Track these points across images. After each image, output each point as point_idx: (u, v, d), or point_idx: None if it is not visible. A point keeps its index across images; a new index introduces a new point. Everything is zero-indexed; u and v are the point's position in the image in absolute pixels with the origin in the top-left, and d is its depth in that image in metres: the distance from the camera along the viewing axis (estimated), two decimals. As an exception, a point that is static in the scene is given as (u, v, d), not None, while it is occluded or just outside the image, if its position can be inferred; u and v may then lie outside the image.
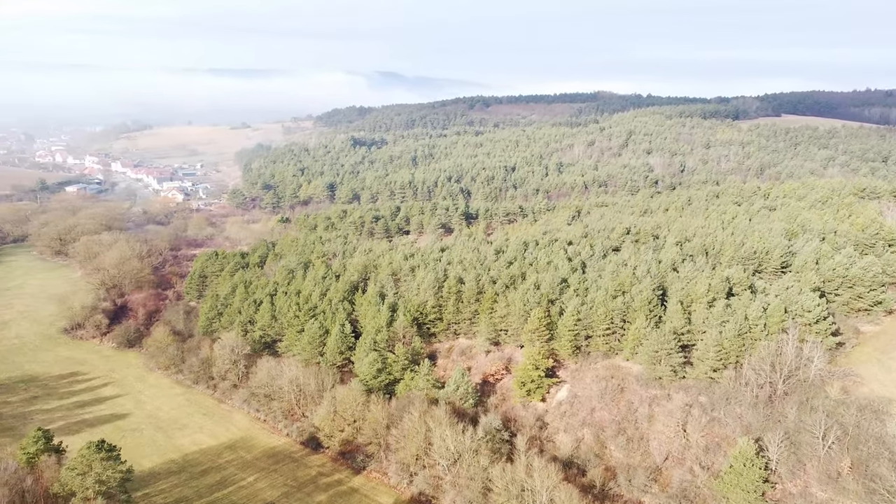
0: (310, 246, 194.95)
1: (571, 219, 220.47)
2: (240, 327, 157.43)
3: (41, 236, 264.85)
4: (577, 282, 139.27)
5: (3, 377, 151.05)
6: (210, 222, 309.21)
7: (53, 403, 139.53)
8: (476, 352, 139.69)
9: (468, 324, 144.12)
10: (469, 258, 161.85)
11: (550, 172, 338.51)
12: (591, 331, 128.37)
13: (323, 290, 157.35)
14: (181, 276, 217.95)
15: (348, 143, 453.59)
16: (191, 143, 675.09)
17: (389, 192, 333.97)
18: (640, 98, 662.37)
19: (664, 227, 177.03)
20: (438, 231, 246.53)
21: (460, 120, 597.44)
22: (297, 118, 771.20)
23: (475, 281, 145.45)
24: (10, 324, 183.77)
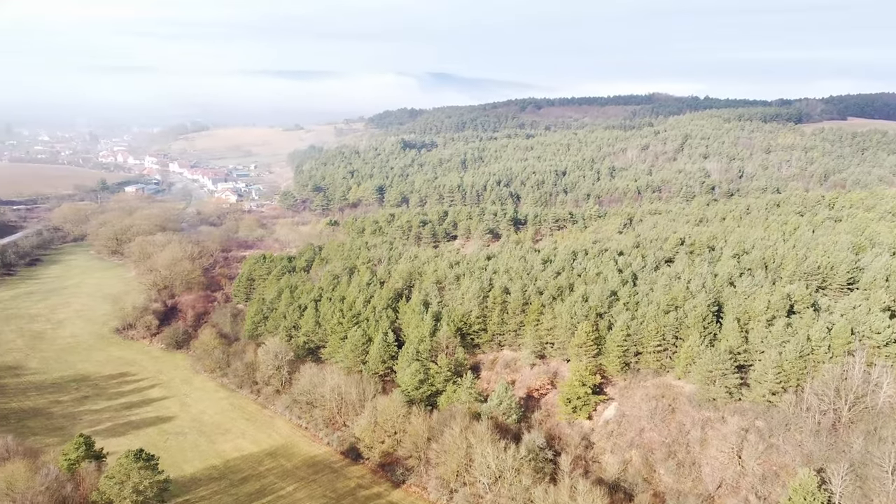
0: (355, 251, 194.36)
1: (623, 226, 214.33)
2: (284, 332, 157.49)
3: (99, 236, 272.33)
4: (628, 295, 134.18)
5: (57, 376, 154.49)
6: (261, 224, 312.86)
7: (102, 404, 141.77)
8: (521, 365, 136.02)
9: (513, 335, 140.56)
10: (515, 267, 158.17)
11: (602, 177, 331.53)
12: (641, 347, 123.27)
13: (367, 296, 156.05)
14: (230, 277, 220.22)
15: (398, 146, 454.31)
16: (246, 145, 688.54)
17: (438, 195, 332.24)
18: (697, 100, 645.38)
19: (720, 237, 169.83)
20: (486, 237, 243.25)
21: (511, 122, 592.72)
22: (349, 120, 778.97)
23: (521, 291, 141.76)
24: (65, 322, 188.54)
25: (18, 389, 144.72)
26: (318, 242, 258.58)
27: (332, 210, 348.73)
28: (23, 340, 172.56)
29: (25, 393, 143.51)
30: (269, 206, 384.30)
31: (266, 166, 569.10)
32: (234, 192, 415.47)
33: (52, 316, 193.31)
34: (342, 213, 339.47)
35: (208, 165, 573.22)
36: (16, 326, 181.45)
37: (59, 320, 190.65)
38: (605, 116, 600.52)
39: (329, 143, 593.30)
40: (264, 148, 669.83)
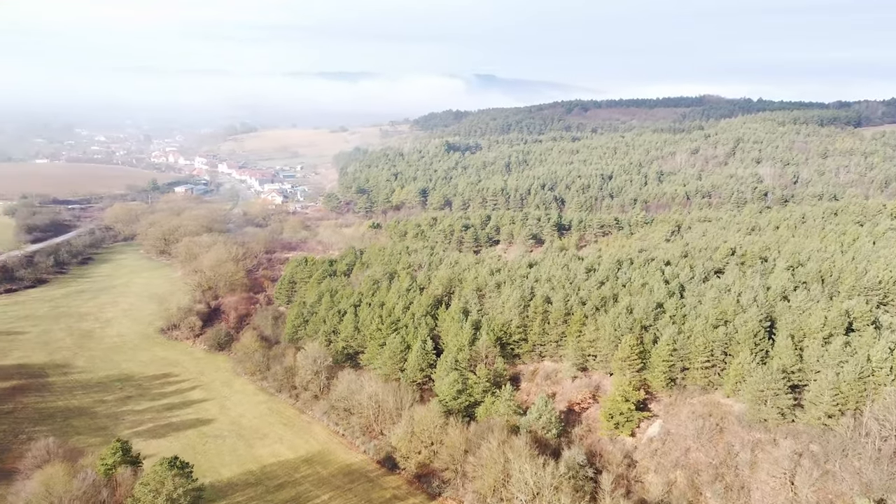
0: (396, 256, 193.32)
1: (670, 234, 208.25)
2: (324, 337, 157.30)
3: (147, 236, 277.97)
4: (675, 307, 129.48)
5: (102, 375, 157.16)
6: (305, 225, 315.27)
7: (144, 404, 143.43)
8: (562, 377, 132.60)
9: (554, 346, 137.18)
10: (558, 276, 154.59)
11: (650, 182, 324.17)
12: (687, 362, 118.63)
13: (406, 303, 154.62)
14: (273, 279, 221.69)
15: (442, 148, 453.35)
16: (293, 146, 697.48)
17: (481, 199, 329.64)
18: (750, 102, 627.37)
19: (774, 248, 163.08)
20: (529, 242, 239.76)
21: (557, 125, 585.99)
22: (394, 122, 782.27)
23: (563, 301, 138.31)
24: (113, 322, 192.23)
25: (65, 388, 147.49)
26: (361, 245, 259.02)
27: (375, 212, 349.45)
28: (72, 339, 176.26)
29: (72, 392, 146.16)
30: (313, 207, 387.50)
31: (312, 167, 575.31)
32: (280, 194, 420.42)
33: (100, 315, 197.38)
34: (385, 215, 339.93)
35: (256, 166, 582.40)
36: (65, 325, 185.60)
37: (107, 319, 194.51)
38: (653, 119, 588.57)
39: (374, 144, 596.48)
40: (310, 149, 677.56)
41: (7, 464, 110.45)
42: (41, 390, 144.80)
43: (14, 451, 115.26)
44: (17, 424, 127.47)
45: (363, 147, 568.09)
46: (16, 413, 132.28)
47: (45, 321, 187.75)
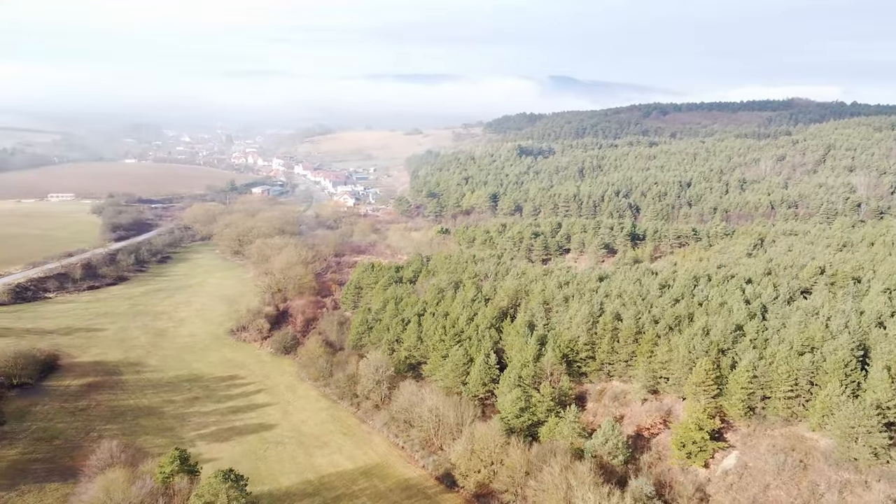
0: (462, 265, 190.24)
1: (752, 248, 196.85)
2: (387, 345, 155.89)
3: (223, 237, 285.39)
4: (756, 330, 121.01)
5: (172, 375, 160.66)
6: (374, 228, 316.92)
7: (210, 406, 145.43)
8: (630, 399, 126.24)
9: (624, 366, 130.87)
10: (629, 291, 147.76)
11: (731, 190, 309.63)
12: (769, 391, 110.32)
13: (471, 314, 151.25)
14: (340, 283, 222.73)
15: (514, 152, 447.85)
16: (367, 148, 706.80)
17: (553, 205, 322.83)
18: (843, 106, 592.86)
19: (868, 267, 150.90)
20: (600, 252, 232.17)
21: (634, 129, 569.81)
22: (467, 124, 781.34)
23: (634, 319, 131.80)
24: (186, 321, 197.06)
25: (137, 387, 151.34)
26: (428, 251, 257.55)
27: (444, 217, 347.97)
28: (146, 337, 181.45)
29: (143, 390, 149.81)
30: (384, 210, 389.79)
31: (384, 170, 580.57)
32: (352, 196, 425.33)
33: (174, 314, 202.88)
34: (454, 220, 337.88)
35: (330, 168, 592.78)
36: (141, 323, 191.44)
37: (180, 318, 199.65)
38: (736, 123, 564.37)
39: (446, 147, 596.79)
40: (384, 151, 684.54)
41: (77, 461, 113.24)
42: (114, 388, 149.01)
43: (84, 449, 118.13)
44: (89, 422, 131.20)
45: (435, 150, 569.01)
46: (89, 410, 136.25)
47: (123, 319, 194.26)
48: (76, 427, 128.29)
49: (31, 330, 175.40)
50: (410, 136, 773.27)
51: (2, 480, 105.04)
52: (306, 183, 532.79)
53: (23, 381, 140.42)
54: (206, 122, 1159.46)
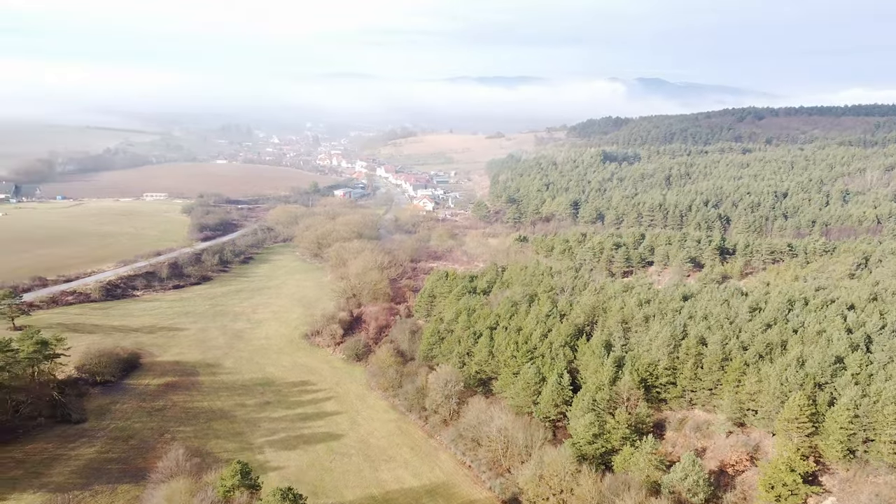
0: (538, 277, 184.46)
1: (856, 268, 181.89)
2: (457, 358, 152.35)
3: (303, 239, 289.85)
4: (858, 364, 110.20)
5: (247, 378, 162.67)
6: (452, 234, 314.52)
7: (280, 412, 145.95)
8: (714, 431, 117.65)
9: (708, 395, 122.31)
10: (716, 313, 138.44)
11: (832, 202, 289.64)
12: (872, 433, 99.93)
13: (545, 330, 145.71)
14: (415, 290, 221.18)
15: (598, 158, 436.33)
16: (448, 151, 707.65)
17: (636, 214, 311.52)
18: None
19: None
20: (686, 266, 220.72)
21: (726, 134, 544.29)
22: (550, 128, 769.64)
23: (721, 344, 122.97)
24: (263, 324, 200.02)
25: (212, 388, 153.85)
26: (505, 259, 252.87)
27: (523, 223, 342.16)
28: (224, 338, 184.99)
29: (217, 393, 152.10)
30: (462, 215, 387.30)
31: (465, 173, 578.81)
32: (432, 200, 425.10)
33: (252, 315, 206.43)
34: (533, 227, 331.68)
35: (411, 171, 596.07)
36: (220, 324, 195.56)
37: (258, 320, 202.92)
38: (839, 129, 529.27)
39: (528, 151, 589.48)
40: (465, 155, 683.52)
41: (149, 462, 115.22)
42: (190, 389, 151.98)
43: (157, 451, 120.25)
44: (164, 423, 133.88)
45: (517, 154, 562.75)
46: (165, 411, 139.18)
47: (204, 319, 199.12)
48: (151, 427, 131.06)
49: (118, 327, 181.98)
50: (493, 139, 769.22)
51: (77, 479, 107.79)
52: (387, 185, 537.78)
53: (105, 378, 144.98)
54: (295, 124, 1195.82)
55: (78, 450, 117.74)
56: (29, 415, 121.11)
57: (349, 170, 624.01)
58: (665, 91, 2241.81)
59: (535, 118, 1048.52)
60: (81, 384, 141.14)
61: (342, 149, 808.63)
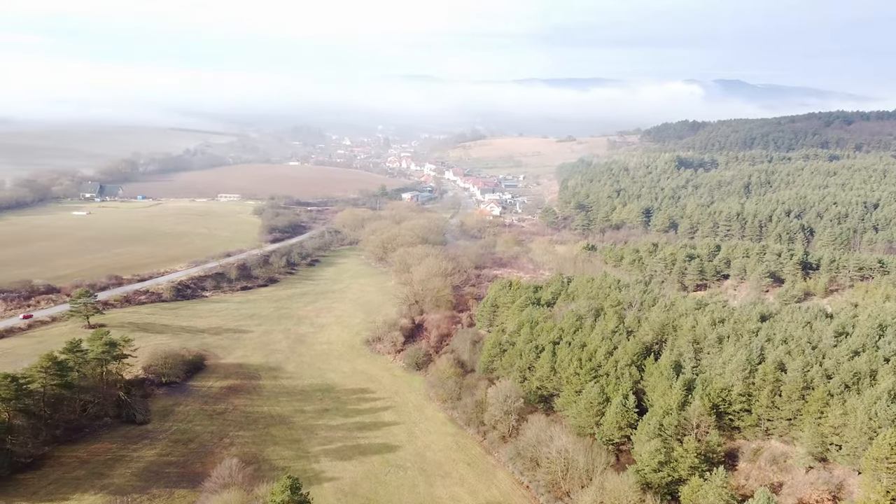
0: (605, 290, 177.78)
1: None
2: (518, 373, 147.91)
3: (369, 243, 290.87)
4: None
5: (307, 383, 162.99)
6: (518, 240, 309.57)
7: (338, 420, 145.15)
8: (792, 465, 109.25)
9: (786, 425, 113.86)
10: (797, 336, 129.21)
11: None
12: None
13: (610, 347, 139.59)
14: (478, 298, 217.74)
15: (672, 164, 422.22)
16: (517, 155, 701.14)
17: (712, 223, 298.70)
18: None
19: None
20: (765, 281, 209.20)
21: (811, 140, 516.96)
22: (623, 132, 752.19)
23: (802, 371, 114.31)
24: (325, 328, 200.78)
25: (272, 393, 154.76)
26: (572, 268, 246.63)
27: (592, 231, 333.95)
28: (287, 342, 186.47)
29: (277, 398, 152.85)
30: (530, 220, 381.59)
31: (534, 178, 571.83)
32: (499, 204, 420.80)
33: (316, 319, 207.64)
34: (603, 234, 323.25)
35: (479, 174, 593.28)
36: (284, 327, 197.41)
37: (320, 324, 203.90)
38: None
39: (600, 156, 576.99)
40: (535, 159, 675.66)
41: (206, 466, 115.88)
42: (251, 393, 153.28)
43: (215, 455, 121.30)
44: (224, 427, 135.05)
45: (587, 158, 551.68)
46: (226, 415, 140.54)
47: (269, 322, 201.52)
48: (211, 431, 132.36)
49: (186, 328, 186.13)
50: (563, 143, 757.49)
51: (137, 482, 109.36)
52: (455, 189, 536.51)
53: (171, 379, 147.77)
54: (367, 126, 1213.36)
55: (140, 451, 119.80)
56: (96, 414, 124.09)
57: (417, 173, 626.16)
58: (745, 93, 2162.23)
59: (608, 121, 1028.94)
60: (147, 385, 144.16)
61: (412, 151, 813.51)
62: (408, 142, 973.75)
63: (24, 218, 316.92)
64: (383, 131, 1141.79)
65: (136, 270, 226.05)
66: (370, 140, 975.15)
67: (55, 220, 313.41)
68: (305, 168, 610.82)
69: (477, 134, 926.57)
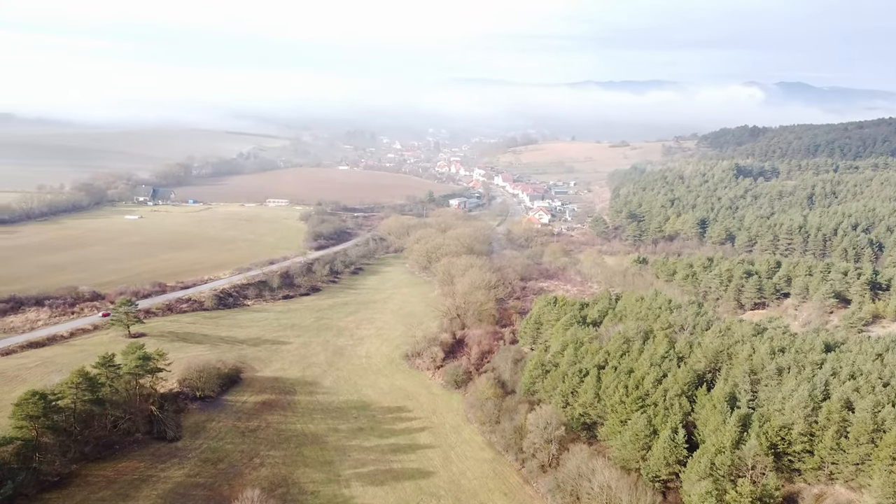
0: (654, 311, 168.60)
1: None
2: (561, 397, 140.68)
3: (413, 251, 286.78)
4: None
5: (343, 399, 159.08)
6: (566, 251, 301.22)
7: (373, 441, 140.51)
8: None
9: (853, 469, 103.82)
10: (867, 371, 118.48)
11: None
12: None
13: (659, 374, 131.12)
14: (522, 313, 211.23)
15: (730, 172, 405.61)
16: (569, 160, 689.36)
17: (772, 236, 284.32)
18: None
19: None
20: (829, 301, 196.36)
21: (881, 147, 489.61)
22: (679, 137, 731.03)
23: (872, 411, 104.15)
24: (365, 341, 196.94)
25: (307, 409, 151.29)
26: (622, 282, 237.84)
27: (644, 241, 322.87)
28: (325, 355, 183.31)
29: (311, 414, 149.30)
30: (579, 230, 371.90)
31: (585, 184, 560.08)
32: (548, 212, 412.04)
33: (356, 331, 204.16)
34: (655, 245, 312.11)
35: (529, 180, 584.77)
36: (324, 339, 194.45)
37: (360, 337, 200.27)
38: None
39: (654, 162, 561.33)
40: (586, 164, 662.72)
41: (234, 489, 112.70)
42: (286, 409, 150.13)
43: (244, 477, 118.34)
44: (255, 445, 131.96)
45: (641, 165, 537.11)
46: (258, 432, 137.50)
47: (308, 333, 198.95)
48: (242, 450, 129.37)
49: (225, 338, 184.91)
50: (616, 148, 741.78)
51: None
52: (504, 195, 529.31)
53: (206, 393, 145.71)
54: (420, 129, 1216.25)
55: (168, 471, 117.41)
56: (127, 430, 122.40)
57: (467, 178, 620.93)
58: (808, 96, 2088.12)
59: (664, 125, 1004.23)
60: (182, 399, 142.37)
61: (461, 155, 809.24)
62: (458, 146, 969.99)
63: (79, 221, 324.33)
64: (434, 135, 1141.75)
65: (181, 277, 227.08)
66: (421, 144, 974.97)
67: (108, 225, 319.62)
68: (355, 172, 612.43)
69: (528, 138, 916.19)
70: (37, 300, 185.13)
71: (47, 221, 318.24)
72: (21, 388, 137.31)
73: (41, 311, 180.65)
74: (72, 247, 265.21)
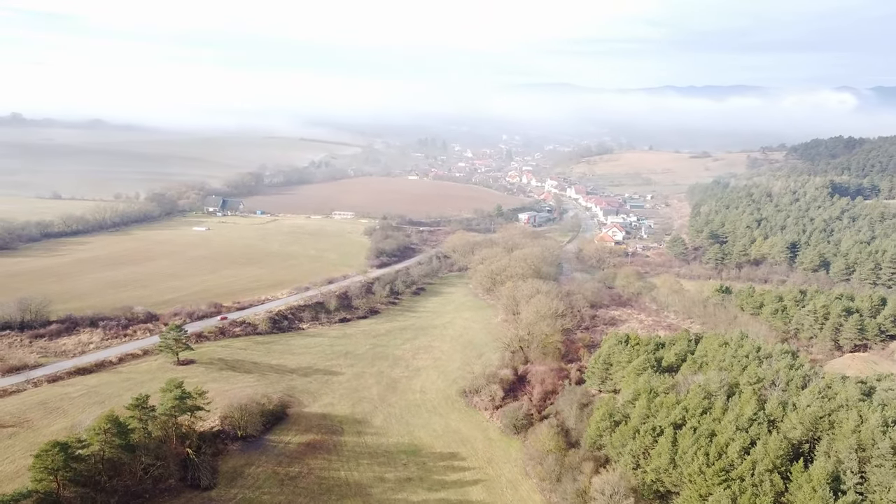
0: (740, 360, 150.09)
1: None
2: (630, 457, 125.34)
3: (477, 272, 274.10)
4: None
5: (393, 442, 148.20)
6: (640, 274, 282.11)
7: (421, 494, 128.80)
8: None
9: None
10: None
11: None
12: None
13: (746, 442, 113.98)
14: (590, 347, 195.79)
15: (824, 190, 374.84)
16: (646, 171, 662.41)
17: (873, 264, 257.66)
18: None
19: None
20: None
21: None
22: (766, 148, 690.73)
23: None
24: (420, 373, 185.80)
25: (353, 453, 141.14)
26: (702, 313, 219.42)
27: (727, 265, 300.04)
28: (378, 388, 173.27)
29: (358, 459, 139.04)
30: (655, 249, 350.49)
31: (663, 198, 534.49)
32: (622, 228, 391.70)
33: (412, 361, 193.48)
34: (739, 270, 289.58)
35: (604, 192, 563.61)
36: (377, 370, 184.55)
37: (416, 368, 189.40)
38: None
39: (738, 175, 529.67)
40: (665, 176, 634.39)
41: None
42: (331, 452, 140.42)
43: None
44: (294, 497, 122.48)
45: (724, 179, 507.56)
46: (299, 480, 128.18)
47: (362, 362, 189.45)
48: (279, 502, 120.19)
49: (275, 367, 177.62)
50: (697, 159, 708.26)
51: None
52: (576, 208, 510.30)
53: (247, 433, 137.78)
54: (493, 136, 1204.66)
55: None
56: (159, 476, 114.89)
57: (538, 189, 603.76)
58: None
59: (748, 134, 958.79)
60: (222, 439, 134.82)
61: (534, 165, 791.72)
62: (531, 154, 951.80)
63: (148, 233, 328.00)
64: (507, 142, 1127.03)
65: (239, 296, 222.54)
66: (492, 152, 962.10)
67: (176, 237, 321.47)
68: (423, 183, 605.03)
69: (603, 147, 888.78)
70: (91, 321, 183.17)
71: (118, 232, 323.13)
72: (61, 420, 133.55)
73: (94, 332, 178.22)
74: (137, 261, 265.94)
